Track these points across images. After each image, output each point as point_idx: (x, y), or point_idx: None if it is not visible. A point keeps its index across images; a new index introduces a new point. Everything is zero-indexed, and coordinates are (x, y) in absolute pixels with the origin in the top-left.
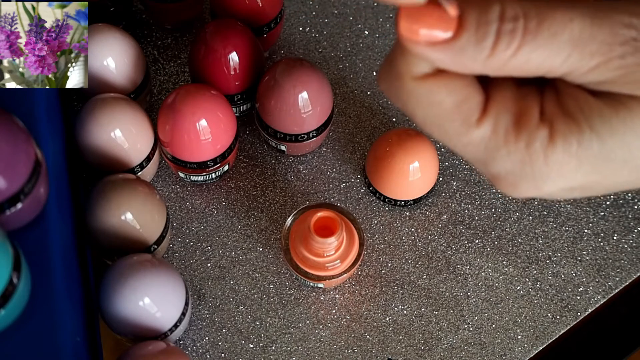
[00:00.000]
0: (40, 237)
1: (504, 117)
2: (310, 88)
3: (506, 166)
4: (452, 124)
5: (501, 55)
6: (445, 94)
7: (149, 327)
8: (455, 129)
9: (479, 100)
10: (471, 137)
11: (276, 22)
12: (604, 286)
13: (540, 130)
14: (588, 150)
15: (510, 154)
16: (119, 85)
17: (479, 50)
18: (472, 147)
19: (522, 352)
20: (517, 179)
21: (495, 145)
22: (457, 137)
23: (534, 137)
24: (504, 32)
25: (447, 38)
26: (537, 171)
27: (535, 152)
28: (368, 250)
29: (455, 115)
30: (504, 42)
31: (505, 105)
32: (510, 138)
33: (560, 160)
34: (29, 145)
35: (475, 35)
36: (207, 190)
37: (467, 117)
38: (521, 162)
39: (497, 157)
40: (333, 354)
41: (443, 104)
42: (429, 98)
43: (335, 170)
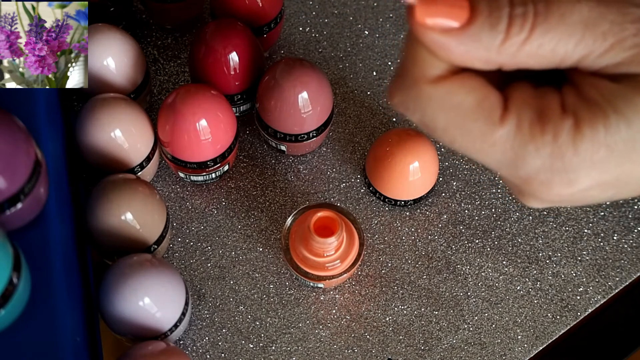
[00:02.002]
0: (40, 237)
1: (526, 112)
2: (310, 88)
3: (536, 163)
4: (476, 124)
5: (515, 39)
6: (465, 93)
7: (149, 327)
8: (480, 129)
9: (498, 98)
10: (496, 136)
11: (276, 22)
12: (604, 286)
13: (565, 120)
14: (616, 135)
15: (539, 149)
16: (119, 85)
17: (494, 36)
18: (498, 148)
19: (522, 352)
20: (549, 175)
21: (522, 141)
22: (481, 138)
23: (560, 129)
24: (516, 15)
25: (461, 24)
26: (569, 163)
27: (563, 143)
28: (368, 250)
29: (478, 114)
30: (517, 25)
31: (525, 101)
32: (536, 132)
33: (591, 148)
34: (29, 145)
35: (489, 19)
36: (207, 190)
37: (489, 115)
38: (551, 156)
39: (525, 155)
40: (333, 354)
41: (464, 104)
42: (449, 99)
43: (335, 170)
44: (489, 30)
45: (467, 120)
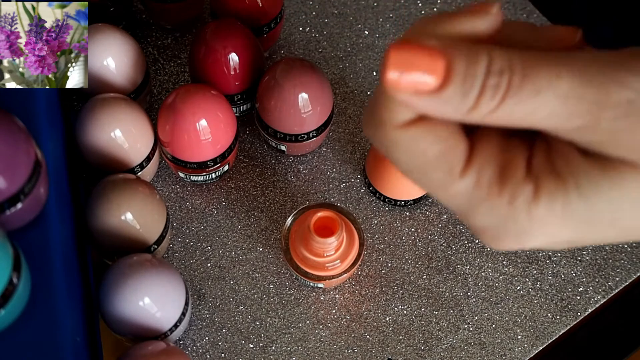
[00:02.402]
0: (40, 237)
1: (488, 169)
2: (310, 88)
3: (488, 220)
4: (436, 174)
5: (484, 107)
6: (429, 143)
7: (149, 327)
8: (439, 179)
9: (463, 150)
10: (454, 189)
11: (276, 22)
12: (604, 286)
13: (525, 185)
14: (574, 212)
15: (493, 209)
16: (119, 85)
17: (464, 102)
18: (454, 199)
19: (522, 352)
20: (500, 233)
21: (478, 198)
22: (441, 187)
23: (518, 193)
24: (489, 86)
25: (433, 88)
26: (520, 227)
27: (518, 208)
28: (368, 250)
29: (439, 165)
30: (488, 95)
31: (490, 156)
32: (494, 192)
33: (544, 218)
34: (29, 145)
35: (462, 87)
36: (207, 190)
37: (450, 167)
38: (504, 217)
39: (479, 211)
40: (333, 354)
41: (426, 153)
42: (413, 147)
43: (335, 170)
44: (460, 97)
45: (428, 169)
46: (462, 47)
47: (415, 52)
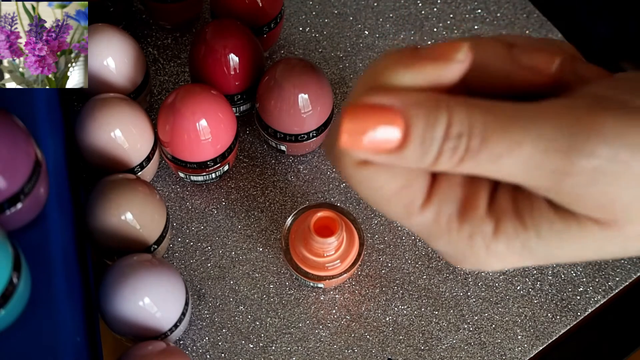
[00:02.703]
0: (40, 237)
1: (447, 205)
2: (310, 88)
3: (447, 250)
4: (394, 209)
5: (442, 166)
6: (386, 180)
7: (149, 327)
8: (397, 214)
9: (422, 186)
10: (413, 222)
11: (276, 22)
12: (604, 286)
13: (485, 223)
14: (532, 251)
15: (452, 242)
16: (119, 85)
17: (422, 161)
18: (414, 229)
19: (522, 352)
20: (458, 260)
21: (437, 232)
22: (399, 219)
23: (477, 230)
24: (446, 149)
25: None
26: (479, 259)
27: (477, 244)
28: (368, 250)
29: (397, 201)
30: (445, 156)
31: (452, 190)
32: (453, 227)
33: (502, 253)
34: (29, 145)
35: (420, 149)
36: (207, 190)
37: (409, 203)
38: (462, 249)
39: (438, 242)
40: (333, 354)
41: (384, 189)
42: (371, 183)
43: (335, 170)
44: (418, 157)
45: (386, 204)
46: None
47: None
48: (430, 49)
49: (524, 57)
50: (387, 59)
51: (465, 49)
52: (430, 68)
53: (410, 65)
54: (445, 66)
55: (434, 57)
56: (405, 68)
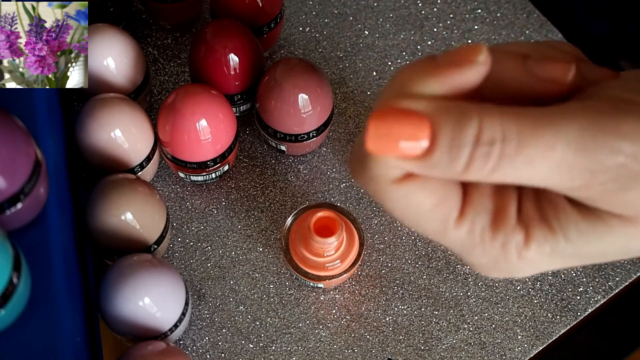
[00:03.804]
0: (40, 237)
1: (481, 217)
2: (310, 88)
3: (481, 261)
4: (431, 225)
5: (474, 174)
6: (424, 196)
7: (149, 327)
8: (434, 229)
9: (457, 201)
10: (449, 237)
11: (276, 22)
12: (604, 286)
13: (516, 233)
14: (561, 253)
15: (486, 252)
16: (119, 85)
17: (452, 168)
18: (449, 245)
19: (522, 352)
20: (492, 269)
21: (472, 244)
22: (434, 236)
23: (509, 239)
24: (478, 155)
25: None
26: (512, 266)
27: (510, 252)
28: (368, 250)
29: (434, 217)
30: (477, 163)
31: (483, 203)
32: (487, 238)
33: (534, 258)
34: (29, 145)
35: (448, 155)
36: (207, 190)
37: (445, 218)
38: (496, 258)
39: (472, 253)
40: (333, 354)
41: (420, 207)
42: (407, 200)
43: (335, 170)
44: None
45: (423, 221)
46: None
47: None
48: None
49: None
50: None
51: (485, 51)
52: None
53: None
54: (468, 69)
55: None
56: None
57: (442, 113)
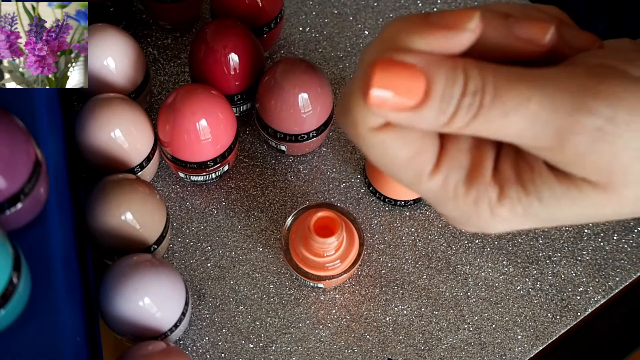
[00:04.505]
0: (40, 237)
1: (455, 172)
2: (310, 88)
3: (453, 214)
4: (405, 175)
5: (455, 124)
6: (399, 147)
7: (149, 327)
8: (407, 179)
9: (432, 152)
10: (422, 188)
11: (276, 22)
12: (604, 286)
13: (489, 190)
14: (534, 215)
15: (458, 206)
16: (119, 85)
17: (438, 119)
18: (423, 194)
19: (522, 352)
20: (464, 223)
21: (444, 197)
22: (410, 185)
23: (482, 196)
24: (462, 106)
25: (411, 106)
26: (483, 222)
27: (482, 208)
28: (368, 250)
29: (408, 168)
30: (461, 114)
31: (459, 158)
32: (460, 193)
33: (506, 217)
34: (29, 145)
35: (439, 107)
36: (207, 190)
37: (419, 169)
38: (468, 214)
39: (445, 206)
40: (333, 354)
41: (397, 156)
42: (383, 149)
43: (335, 170)
44: (436, 115)
45: (397, 170)
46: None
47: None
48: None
49: (518, 29)
50: (399, 24)
51: (477, 18)
52: (442, 36)
53: (423, 32)
54: (457, 35)
55: (447, 25)
56: (419, 34)
57: (435, 67)
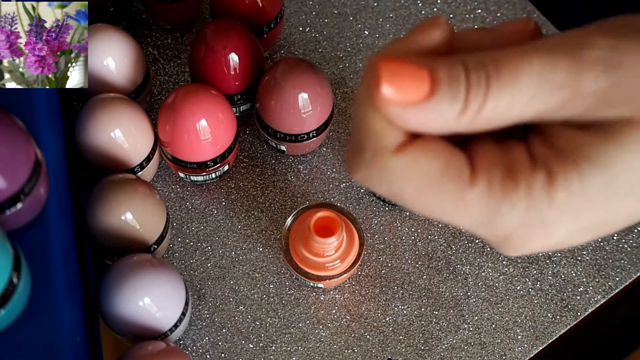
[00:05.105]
0: (40, 237)
1: (495, 170)
2: (310, 88)
3: (513, 220)
4: (446, 188)
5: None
6: (430, 159)
7: (149, 327)
8: (451, 192)
9: (463, 161)
10: (469, 198)
11: (276, 22)
12: (604, 286)
13: (536, 174)
14: (591, 184)
15: (514, 205)
16: (119, 85)
17: (454, 105)
18: (472, 209)
19: (522, 352)
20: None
21: (496, 200)
22: (454, 201)
23: (532, 182)
24: (472, 82)
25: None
26: (545, 216)
27: (538, 196)
28: (368, 250)
29: (447, 178)
30: (474, 91)
31: (491, 157)
32: (509, 188)
33: (566, 199)
34: (29, 145)
35: (449, 90)
36: (207, 190)
37: (458, 176)
38: (527, 210)
39: (501, 213)
40: (333, 354)
41: (431, 169)
42: (415, 167)
43: (335, 170)
44: (450, 101)
45: (436, 185)
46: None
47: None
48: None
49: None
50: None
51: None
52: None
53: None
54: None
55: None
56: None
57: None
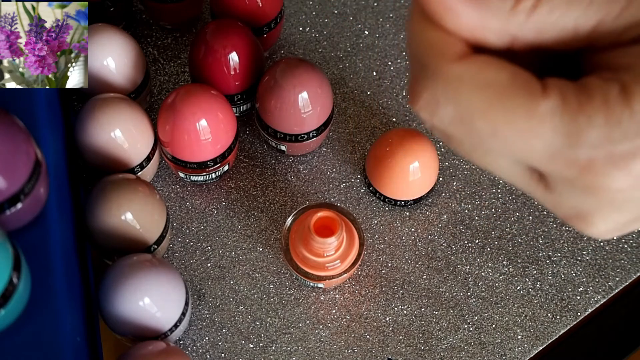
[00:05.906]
0: (40, 237)
1: (566, 86)
2: (310, 88)
3: (592, 136)
4: (517, 99)
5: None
6: (498, 68)
7: (149, 327)
8: (523, 104)
9: (532, 75)
10: (542, 110)
11: (276, 22)
12: (604, 286)
13: (610, 85)
14: None
15: (591, 118)
16: (119, 85)
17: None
18: (547, 124)
19: (522, 352)
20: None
21: (572, 112)
22: (527, 114)
23: (607, 93)
24: None
25: None
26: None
27: (616, 106)
28: (368, 250)
29: (517, 88)
30: None
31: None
32: (584, 100)
33: None
34: (29, 145)
35: None
36: (207, 190)
37: (529, 87)
38: (606, 123)
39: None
40: (333, 354)
41: (500, 78)
42: (483, 76)
43: (335, 170)
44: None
45: (507, 96)
46: None
47: None
48: None
49: None
50: None
51: None
52: None
53: None
54: None
55: None
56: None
57: None
